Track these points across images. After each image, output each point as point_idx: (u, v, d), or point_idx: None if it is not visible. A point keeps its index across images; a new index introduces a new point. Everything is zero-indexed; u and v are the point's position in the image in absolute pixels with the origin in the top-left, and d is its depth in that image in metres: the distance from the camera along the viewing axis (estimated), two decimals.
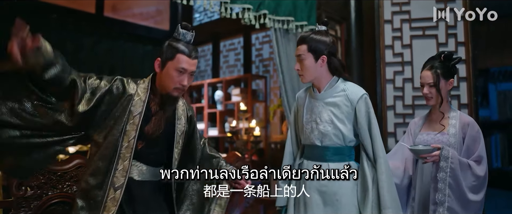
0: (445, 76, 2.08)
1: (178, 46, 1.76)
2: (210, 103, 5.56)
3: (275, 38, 3.46)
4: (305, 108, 1.97)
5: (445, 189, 1.93)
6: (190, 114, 1.95)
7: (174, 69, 1.74)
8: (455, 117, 2.09)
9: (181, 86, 1.75)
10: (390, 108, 3.45)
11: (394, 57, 3.49)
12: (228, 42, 5.94)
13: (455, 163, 1.94)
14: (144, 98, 1.77)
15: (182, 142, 1.88)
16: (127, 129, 1.73)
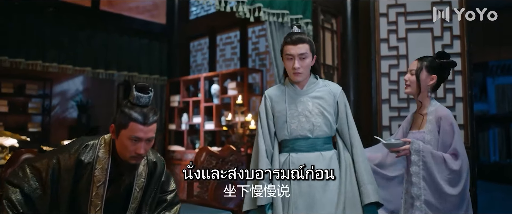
0: (429, 70, 2.11)
1: (131, 113, 1.63)
2: (206, 97, 5.55)
3: (270, 32, 3.45)
4: (287, 103, 2.05)
5: (420, 183, 1.96)
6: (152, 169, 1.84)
7: (127, 138, 1.64)
8: (432, 112, 2.09)
9: (137, 155, 1.66)
10: (385, 102, 3.45)
11: (389, 51, 3.48)
12: (224, 36, 5.91)
13: (427, 156, 1.96)
14: (106, 166, 1.70)
15: (140, 197, 1.80)
16: (93, 199, 1.69)
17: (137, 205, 1.82)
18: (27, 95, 6.42)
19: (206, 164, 2.86)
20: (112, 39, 5.70)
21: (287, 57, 2.01)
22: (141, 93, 1.66)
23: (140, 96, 1.65)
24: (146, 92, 1.67)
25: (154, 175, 1.83)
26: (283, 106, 2.05)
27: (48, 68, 5.17)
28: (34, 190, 1.65)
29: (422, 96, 2.14)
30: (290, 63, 2.01)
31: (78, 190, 1.69)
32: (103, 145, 1.74)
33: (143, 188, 1.81)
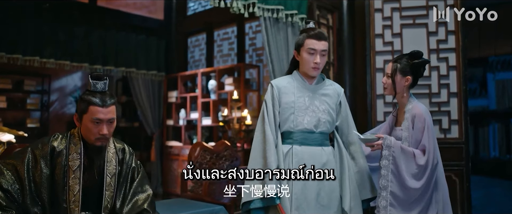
0: (402, 72, 2.20)
1: (89, 98, 1.79)
2: (204, 92, 5.56)
3: (265, 27, 3.45)
4: (295, 96, 2.11)
5: (388, 175, 2.09)
6: (121, 156, 1.95)
7: (90, 121, 1.79)
8: (409, 110, 2.19)
9: (101, 136, 1.80)
10: (380, 97, 3.45)
11: (384, 46, 3.49)
12: (222, 32, 5.92)
13: (396, 151, 2.09)
14: (78, 151, 1.84)
15: (114, 185, 1.90)
16: (70, 183, 1.80)
17: (112, 193, 1.90)
18: (25, 91, 6.43)
19: (201, 159, 2.87)
20: (110, 35, 5.70)
21: (310, 51, 2.07)
22: (97, 80, 1.82)
23: (96, 82, 1.81)
24: (101, 79, 1.83)
25: (124, 161, 1.95)
26: (291, 98, 2.10)
27: (46, 64, 5.18)
28: (11, 184, 1.75)
29: (400, 96, 2.25)
30: (311, 58, 2.07)
31: (55, 178, 1.80)
32: (73, 135, 1.88)
33: (115, 175, 1.91)
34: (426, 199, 2.09)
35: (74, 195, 1.82)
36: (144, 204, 1.92)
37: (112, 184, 1.90)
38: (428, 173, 2.07)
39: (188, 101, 5.71)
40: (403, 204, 2.07)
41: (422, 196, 2.09)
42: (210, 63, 5.98)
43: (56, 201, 1.82)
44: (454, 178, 3.30)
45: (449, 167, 3.29)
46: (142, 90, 6.12)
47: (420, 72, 2.25)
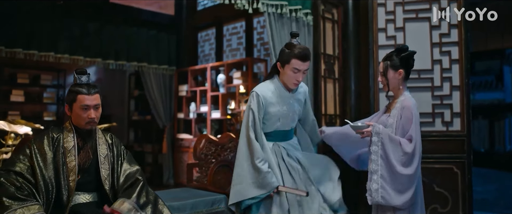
0: (393, 67, 2.41)
1: (76, 89, 2.07)
2: (213, 86, 5.67)
3: (269, 23, 3.53)
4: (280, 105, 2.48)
5: (378, 160, 2.28)
6: (110, 141, 2.23)
7: (79, 108, 2.06)
8: (400, 101, 2.41)
9: (90, 119, 2.08)
10: (383, 90, 3.50)
11: (387, 40, 3.53)
12: (231, 26, 6.01)
13: (385, 138, 2.28)
14: (71, 135, 2.11)
15: (108, 164, 2.16)
16: (67, 161, 2.04)
17: (107, 171, 2.14)
18: (42, 85, 6.64)
19: (206, 150, 2.99)
20: (122, 30, 5.85)
21: (294, 70, 2.38)
22: (81, 75, 2.11)
23: (80, 76, 2.11)
24: (84, 74, 2.12)
25: (113, 146, 2.23)
26: (277, 107, 2.46)
27: (60, 59, 5.35)
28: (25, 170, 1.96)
29: (396, 89, 2.47)
30: (294, 76, 2.40)
31: (56, 159, 2.05)
32: (66, 126, 2.16)
33: (107, 156, 2.16)
34: (414, 186, 2.26)
35: (72, 170, 2.04)
36: (136, 175, 2.18)
37: (106, 163, 2.15)
38: (417, 162, 2.25)
39: (198, 95, 5.83)
40: (393, 187, 2.23)
41: (412, 183, 2.26)
42: (220, 57, 6.08)
43: (59, 180, 2.02)
44: (455, 170, 3.35)
45: (450, 159, 3.36)
46: (153, 84, 6.27)
47: (410, 64, 2.45)
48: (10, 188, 1.85)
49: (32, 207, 1.83)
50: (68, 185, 2.02)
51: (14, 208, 1.79)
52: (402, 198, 2.22)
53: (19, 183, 1.90)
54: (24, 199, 1.84)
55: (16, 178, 1.91)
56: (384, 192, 2.23)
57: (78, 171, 2.06)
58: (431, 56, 3.43)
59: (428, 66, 3.44)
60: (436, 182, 3.36)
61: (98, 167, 2.12)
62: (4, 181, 1.88)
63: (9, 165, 1.98)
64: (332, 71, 4.11)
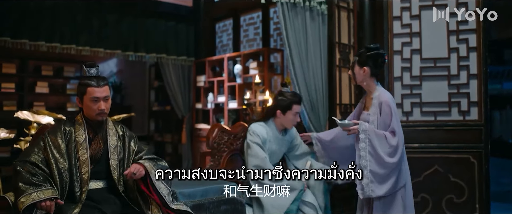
0: (359, 63, 2.61)
1: (86, 82, 2.14)
2: (230, 76, 5.72)
3: (282, 12, 3.53)
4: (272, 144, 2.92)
5: (367, 156, 2.44)
6: (121, 133, 2.30)
7: (89, 100, 2.13)
8: (376, 97, 2.56)
9: (100, 111, 2.14)
10: (398, 79, 3.47)
11: (402, 28, 3.48)
12: (247, 17, 6.02)
13: (371, 134, 2.45)
14: (83, 127, 2.19)
15: (118, 154, 2.22)
16: (79, 154, 2.11)
17: (116, 162, 2.20)
18: (65, 77, 6.83)
19: (218, 139, 3.03)
20: (141, 22, 5.94)
21: (295, 114, 2.89)
22: (90, 67, 2.18)
23: (90, 69, 2.18)
24: (94, 67, 2.19)
25: (125, 136, 2.30)
26: (268, 145, 2.87)
27: (81, 52, 5.48)
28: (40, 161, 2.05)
29: (367, 84, 2.63)
30: (295, 118, 2.91)
31: (69, 152, 2.13)
32: (77, 119, 2.24)
33: (117, 146, 2.22)
34: (397, 172, 2.48)
35: (84, 162, 2.11)
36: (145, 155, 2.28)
37: (115, 153, 2.21)
38: (400, 151, 2.46)
39: (215, 85, 5.89)
40: (381, 178, 2.43)
41: (395, 170, 2.47)
42: (237, 48, 6.11)
43: (71, 171, 2.10)
44: (472, 160, 3.30)
45: (467, 149, 3.31)
46: (172, 75, 6.36)
47: (378, 63, 2.59)
48: (26, 175, 1.94)
49: (46, 191, 1.92)
50: (80, 177, 2.09)
51: (29, 192, 1.88)
52: (388, 185, 2.44)
53: (35, 171, 1.98)
54: (39, 184, 1.93)
55: (32, 167, 1.99)
56: (373, 186, 2.42)
57: (91, 163, 2.14)
58: (448, 44, 3.37)
59: (444, 54, 3.38)
60: (452, 172, 3.32)
61: (108, 158, 2.19)
62: (20, 169, 1.97)
63: (24, 156, 2.06)
64: (348, 60, 4.07)
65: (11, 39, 5.02)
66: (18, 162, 2.02)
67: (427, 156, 3.35)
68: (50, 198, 1.91)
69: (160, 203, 2.11)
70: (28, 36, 5.10)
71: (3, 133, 3.97)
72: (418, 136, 3.37)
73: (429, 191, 3.34)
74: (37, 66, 6.58)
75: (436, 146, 3.34)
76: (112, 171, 2.17)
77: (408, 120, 3.42)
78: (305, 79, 3.71)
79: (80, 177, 2.10)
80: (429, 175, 3.35)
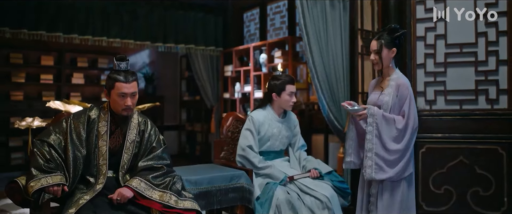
0: (387, 46, 2.57)
1: (115, 76, 2.15)
2: (256, 66, 5.71)
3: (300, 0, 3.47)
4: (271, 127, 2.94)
5: (373, 139, 2.47)
6: (142, 128, 2.29)
7: (116, 95, 2.15)
8: (394, 79, 2.56)
9: (126, 107, 2.16)
10: (420, 67, 3.32)
11: (425, 13, 3.31)
12: (274, 5, 5.97)
13: (379, 119, 2.47)
14: (107, 119, 2.21)
15: (132, 150, 2.24)
16: (99, 145, 2.15)
17: (130, 156, 2.22)
18: (99, 68, 7.09)
19: (232, 128, 3.05)
20: (170, 13, 6.03)
21: (290, 93, 2.91)
22: (120, 61, 2.17)
23: (120, 63, 2.18)
24: (124, 60, 2.18)
25: (145, 133, 2.29)
26: (267, 129, 2.88)
27: (112, 43, 5.66)
28: (58, 144, 2.10)
29: (388, 67, 2.61)
30: (290, 98, 2.93)
31: (89, 140, 2.15)
32: (103, 108, 2.27)
33: (134, 141, 2.23)
34: (404, 159, 2.48)
35: (103, 155, 2.16)
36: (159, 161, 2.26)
37: (130, 149, 2.23)
38: (408, 136, 2.47)
39: (242, 75, 5.91)
40: (386, 162, 2.45)
41: (402, 156, 2.48)
42: (264, 37, 6.08)
43: (89, 159, 2.16)
44: (501, 151, 3.11)
45: (495, 140, 3.13)
46: (201, 65, 6.44)
47: (401, 43, 2.63)
48: (40, 160, 2.02)
49: (55, 177, 2.00)
50: (98, 167, 2.15)
51: (39, 177, 1.97)
52: (394, 170, 2.45)
53: (50, 155, 2.05)
54: (50, 171, 2.01)
55: (48, 150, 2.05)
56: (377, 168, 2.45)
57: (109, 155, 2.18)
58: (475, 28, 3.17)
59: (471, 39, 3.19)
60: (478, 164, 3.15)
61: (123, 152, 2.22)
62: (37, 152, 2.04)
63: (45, 135, 2.12)
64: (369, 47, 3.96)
65: (46, 33, 5.26)
66: (37, 142, 2.09)
67: (451, 147, 3.20)
68: (57, 183, 1.99)
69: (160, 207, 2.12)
70: (62, 29, 5.32)
71: (37, 122, 4.22)
72: (442, 125, 3.22)
73: (454, 183, 3.19)
74: (73, 58, 6.87)
75: (461, 137, 3.18)
76: (121, 165, 2.20)
77: (431, 109, 3.27)
78: (325, 68, 3.63)
79: (98, 167, 2.15)
80: (453, 166, 3.20)
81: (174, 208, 2.13)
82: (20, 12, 5.05)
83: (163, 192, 2.15)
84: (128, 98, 2.14)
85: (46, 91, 6.57)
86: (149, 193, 2.12)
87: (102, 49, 6.26)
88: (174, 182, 2.21)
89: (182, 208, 2.15)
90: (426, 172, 3.27)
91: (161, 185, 2.17)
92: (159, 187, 2.16)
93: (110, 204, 2.08)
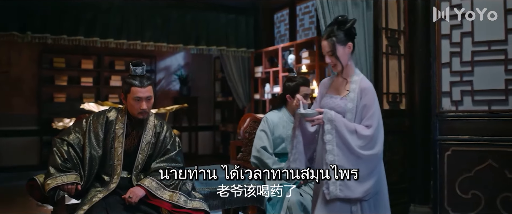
0: (341, 42, 2.10)
1: (131, 81, 2.20)
2: (285, 67, 5.70)
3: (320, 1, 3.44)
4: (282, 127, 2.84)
5: (334, 149, 2.02)
6: (158, 131, 2.34)
7: (132, 99, 2.20)
8: (356, 81, 2.13)
9: (142, 110, 2.22)
10: (446, 66, 3.20)
11: (451, 10, 3.18)
12: (303, 6, 5.93)
13: (339, 124, 2.02)
14: (124, 121, 2.28)
15: (147, 151, 2.30)
16: (115, 146, 2.24)
17: (145, 158, 2.29)
18: None
19: (250, 129, 3.07)
20: (201, 16, 6.16)
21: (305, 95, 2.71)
22: (136, 66, 2.22)
23: (135, 68, 2.23)
24: (140, 65, 2.23)
25: (160, 135, 2.34)
26: (281, 130, 2.82)
27: (146, 47, 5.87)
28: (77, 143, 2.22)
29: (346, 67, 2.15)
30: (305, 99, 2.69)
31: (106, 141, 2.24)
32: (121, 110, 2.34)
33: (150, 143, 2.30)
34: (375, 171, 2.05)
35: (117, 155, 2.26)
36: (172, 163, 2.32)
37: (145, 150, 2.30)
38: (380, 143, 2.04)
39: (271, 76, 5.92)
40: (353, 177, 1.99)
41: (375, 168, 2.04)
42: (293, 37, 6.06)
43: (105, 159, 2.26)
44: None
45: None
46: (232, 67, 6.53)
47: (354, 34, 2.15)
48: (58, 159, 2.13)
49: (70, 176, 2.11)
50: (113, 168, 2.24)
51: (55, 176, 2.09)
52: (364, 187, 1.99)
53: (68, 155, 2.16)
54: (65, 170, 2.12)
55: (67, 150, 2.17)
56: (343, 185, 1.98)
57: (124, 156, 2.26)
58: (505, 24, 3.01)
59: (501, 36, 3.03)
60: (509, 168, 2.99)
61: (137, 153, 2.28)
62: (56, 151, 2.16)
63: (65, 134, 2.24)
64: (397, 46, 3.85)
65: (84, 38, 5.54)
66: (57, 140, 2.20)
67: (479, 150, 3.06)
68: (72, 182, 2.11)
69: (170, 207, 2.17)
70: (99, 34, 5.58)
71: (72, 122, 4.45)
72: (469, 127, 3.09)
73: (482, 188, 3.05)
74: (111, 61, 7.17)
75: (489, 139, 3.03)
76: (135, 166, 2.29)
77: (457, 110, 3.14)
78: None
79: (113, 167, 2.25)
80: (481, 170, 3.06)
81: (183, 208, 2.19)
82: (60, 19, 5.36)
83: (173, 192, 2.22)
84: (144, 102, 2.20)
85: (87, 93, 6.91)
86: (160, 192, 2.19)
87: (138, 52, 6.48)
88: (184, 183, 2.26)
89: (191, 208, 2.20)
90: (452, 176, 3.15)
91: (171, 185, 2.23)
92: (169, 187, 2.22)
93: (123, 204, 2.17)
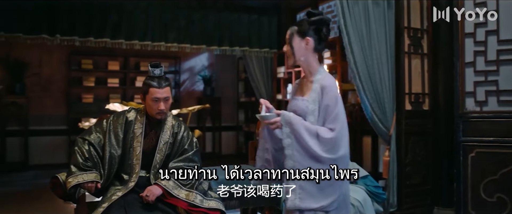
0: (300, 34, 1.93)
1: (149, 82, 2.28)
2: None
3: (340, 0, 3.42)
4: None
5: (293, 154, 1.84)
6: (176, 131, 2.38)
7: (150, 100, 2.26)
8: (318, 80, 1.90)
9: (160, 111, 2.27)
10: (469, 65, 3.12)
11: (475, 7, 3.10)
12: (326, 5, 5.89)
13: (298, 128, 1.82)
14: (142, 121, 2.34)
15: (165, 150, 2.34)
16: (134, 145, 2.30)
17: (163, 157, 2.34)
18: None
19: None
20: (224, 17, 6.19)
21: None
22: (154, 68, 2.31)
23: (154, 69, 2.32)
24: (158, 67, 2.31)
25: (178, 135, 2.39)
26: None
27: (170, 48, 5.96)
28: (98, 143, 2.30)
29: (306, 62, 1.95)
30: None
31: (125, 141, 2.31)
32: (140, 110, 2.37)
33: (167, 143, 2.34)
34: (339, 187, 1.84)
35: (136, 155, 2.32)
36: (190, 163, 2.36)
37: (163, 150, 2.35)
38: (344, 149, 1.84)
39: (293, 76, 5.91)
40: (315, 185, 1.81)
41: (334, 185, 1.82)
42: None
43: (124, 158, 2.33)
44: None
45: None
46: (255, 67, 6.55)
47: (322, 34, 1.93)
48: (79, 158, 2.22)
49: (91, 175, 2.19)
50: (132, 167, 2.30)
51: (76, 174, 2.17)
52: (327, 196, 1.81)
53: (89, 154, 2.24)
54: (86, 169, 2.20)
55: (88, 149, 2.25)
56: (303, 193, 1.80)
57: (142, 156, 2.32)
58: None
59: None
60: None
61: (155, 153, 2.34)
62: (78, 150, 2.25)
63: (87, 133, 2.32)
64: (419, 46, 3.78)
65: (110, 40, 5.68)
66: (79, 140, 2.29)
67: (505, 152, 2.97)
68: (92, 181, 2.18)
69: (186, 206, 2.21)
70: (124, 36, 5.71)
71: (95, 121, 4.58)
72: (494, 128, 3.01)
73: (508, 191, 2.96)
74: (137, 62, 7.33)
75: None
76: (153, 165, 2.34)
77: (481, 111, 3.06)
78: (368, 68, 3.53)
79: (132, 166, 2.31)
80: (507, 173, 2.97)
81: (199, 207, 2.22)
82: (87, 22, 5.52)
83: (189, 191, 2.25)
84: (161, 103, 2.25)
85: (113, 93, 7.10)
86: (177, 191, 2.23)
87: (162, 53, 6.60)
88: (200, 182, 2.30)
89: (207, 208, 2.23)
90: (477, 179, 3.07)
91: (188, 184, 2.27)
92: (186, 186, 2.26)
93: (140, 202, 2.22)
